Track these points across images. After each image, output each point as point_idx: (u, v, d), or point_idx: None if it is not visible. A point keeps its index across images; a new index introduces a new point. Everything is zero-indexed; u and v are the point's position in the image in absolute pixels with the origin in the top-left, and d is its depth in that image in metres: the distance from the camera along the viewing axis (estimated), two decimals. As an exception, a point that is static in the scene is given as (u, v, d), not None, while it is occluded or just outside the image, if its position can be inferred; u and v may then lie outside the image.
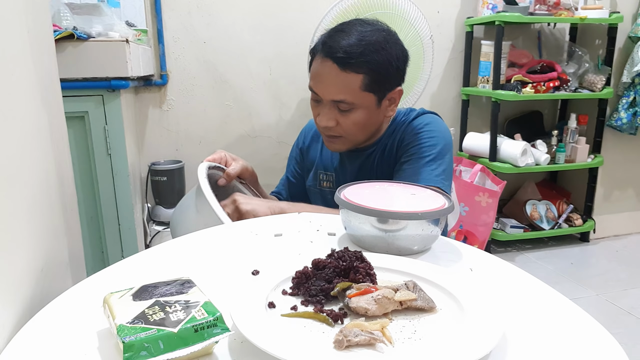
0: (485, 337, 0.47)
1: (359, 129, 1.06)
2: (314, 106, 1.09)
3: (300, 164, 1.33)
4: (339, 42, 1.00)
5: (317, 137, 1.29)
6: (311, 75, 1.07)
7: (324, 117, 1.05)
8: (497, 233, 2.56)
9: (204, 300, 0.49)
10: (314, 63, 1.06)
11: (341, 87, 1.01)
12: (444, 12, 2.50)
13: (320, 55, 1.03)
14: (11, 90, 0.59)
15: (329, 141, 1.11)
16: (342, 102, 1.02)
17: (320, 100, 1.05)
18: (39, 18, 0.73)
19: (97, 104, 1.52)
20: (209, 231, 0.82)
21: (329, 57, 1.00)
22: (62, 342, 0.50)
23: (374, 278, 0.59)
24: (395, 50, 1.04)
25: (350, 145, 1.11)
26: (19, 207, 0.59)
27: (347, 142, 1.10)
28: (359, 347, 0.47)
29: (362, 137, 1.10)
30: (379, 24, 1.06)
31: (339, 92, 1.01)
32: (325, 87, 1.03)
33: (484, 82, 2.43)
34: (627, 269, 2.46)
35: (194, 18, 2.20)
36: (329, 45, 1.01)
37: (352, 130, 1.06)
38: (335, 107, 1.04)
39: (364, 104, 1.03)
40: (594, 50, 2.63)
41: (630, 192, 2.88)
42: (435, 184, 1.01)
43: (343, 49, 0.99)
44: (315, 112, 1.09)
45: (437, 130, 1.09)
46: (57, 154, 0.76)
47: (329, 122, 1.05)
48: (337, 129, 1.06)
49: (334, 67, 1.00)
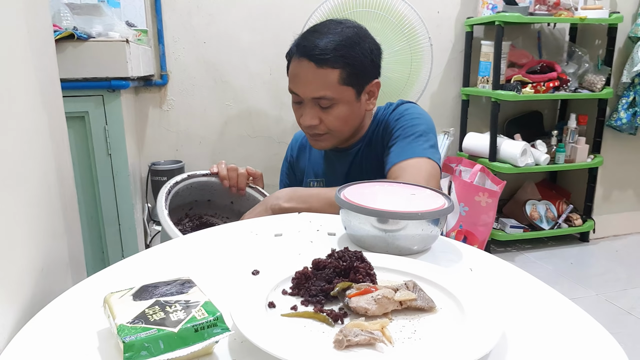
0: (485, 337, 0.47)
1: (342, 123, 1.08)
2: (296, 109, 1.11)
3: (292, 177, 1.36)
4: (313, 42, 1.03)
5: (304, 147, 1.31)
6: (290, 78, 1.09)
7: (307, 116, 1.07)
8: (497, 233, 2.56)
9: (204, 300, 0.49)
10: (291, 66, 1.08)
11: (320, 83, 1.03)
12: (444, 12, 2.50)
13: (296, 56, 1.06)
14: (11, 90, 0.59)
15: (314, 140, 1.12)
16: (323, 98, 1.04)
17: (301, 101, 1.08)
18: (39, 18, 0.73)
19: (97, 104, 1.52)
20: (209, 231, 0.82)
21: (305, 57, 1.03)
22: (62, 342, 0.50)
23: (374, 278, 0.59)
24: (369, 44, 1.07)
25: (336, 142, 1.12)
26: (19, 207, 0.59)
27: (333, 139, 1.11)
28: (359, 347, 0.47)
29: (346, 132, 1.12)
30: (350, 21, 1.10)
31: (318, 89, 1.04)
32: (305, 86, 1.05)
33: (484, 82, 2.43)
34: (626, 269, 2.46)
35: (194, 18, 2.20)
36: (303, 45, 1.05)
37: (335, 125, 1.08)
38: (316, 105, 1.06)
39: (344, 99, 1.06)
40: (593, 50, 2.63)
41: (630, 192, 2.88)
42: (425, 155, 1.02)
43: (318, 47, 1.02)
44: (298, 114, 1.11)
45: (417, 113, 1.12)
46: (57, 154, 0.76)
47: (312, 121, 1.07)
48: (321, 126, 1.08)
49: (311, 65, 1.03)
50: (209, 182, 1.14)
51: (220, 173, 1.13)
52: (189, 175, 1.12)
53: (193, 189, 1.13)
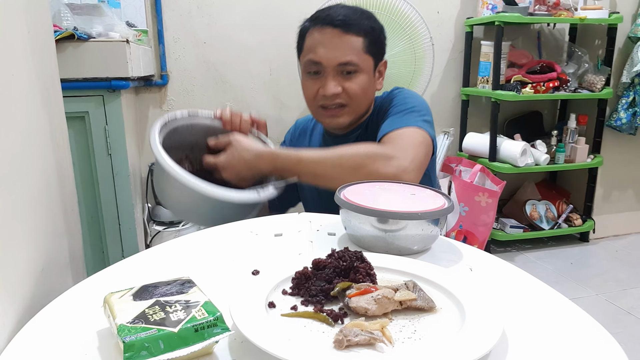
0: (485, 336, 0.47)
1: (363, 93, 1.08)
2: (312, 81, 1.09)
3: None
4: (335, 11, 1.05)
5: (305, 133, 1.30)
6: (309, 49, 1.08)
7: (330, 84, 1.06)
8: (496, 233, 2.56)
9: (204, 300, 0.49)
10: (310, 37, 1.08)
11: (346, 48, 1.04)
12: (444, 12, 2.50)
13: (318, 27, 1.06)
14: (12, 90, 0.59)
15: (332, 115, 1.10)
16: (349, 63, 1.05)
17: (321, 71, 1.07)
18: (39, 18, 0.73)
19: (97, 104, 1.52)
20: (209, 231, 0.82)
21: (329, 25, 1.05)
22: (62, 342, 0.50)
23: (374, 278, 0.59)
24: (379, 22, 1.11)
25: (353, 117, 1.12)
26: (20, 207, 0.59)
27: (351, 112, 1.10)
28: (359, 347, 0.47)
29: (364, 106, 1.12)
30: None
31: (345, 54, 1.04)
32: (331, 51, 1.05)
33: (484, 82, 2.43)
34: (626, 269, 2.46)
35: (194, 18, 2.20)
36: (325, 15, 1.06)
37: (357, 93, 1.07)
38: (338, 74, 1.06)
39: (366, 67, 1.07)
40: (593, 50, 2.63)
41: (630, 192, 2.88)
42: (417, 125, 1.01)
43: (342, 15, 1.04)
44: (315, 87, 1.09)
45: (411, 94, 1.13)
46: (57, 154, 0.76)
47: (336, 89, 1.06)
48: (343, 95, 1.07)
49: (336, 32, 1.04)
50: (212, 127, 1.08)
51: (224, 117, 1.09)
52: (189, 113, 1.06)
53: (194, 130, 1.07)
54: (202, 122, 1.07)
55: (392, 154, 0.94)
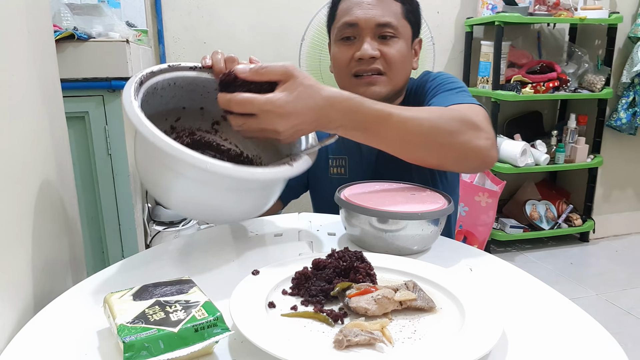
0: (485, 336, 0.47)
1: (402, 63, 1.02)
2: (347, 47, 1.01)
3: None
4: None
5: None
6: (344, 12, 1.02)
7: (367, 46, 0.98)
8: (496, 233, 2.56)
9: (204, 300, 0.49)
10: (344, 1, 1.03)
11: (386, 9, 0.99)
12: (444, 12, 2.50)
13: None
14: (11, 90, 0.59)
15: (368, 82, 1.00)
16: (388, 25, 0.99)
17: (356, 35, 1.00)
18: (39, 18, 0.73)
19: (97, 104, 1.52)
20: (209, 231, 0.82)
21: None
22: (62, 342, 0.50)
23: (374, 278, 0.59)
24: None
25: (390, 88, 1.02)
26: (20, 207, 0.59)
27: (388, 83, 1.01)
28: (359, 347, 0.47)
29: (401, 78, 1.04)
30: None
31: (384, 15, 0.99)
32: (370, 11, 0.99)
33: (484, 82, 2.43)
34: (626, 269, 2.46)
35: (194, 18, 2.20)
36: None
37: (396, 61, 1.00)
38: (375, 37, 1.00)
39: (404, 34, 1.02)
40: (593, 50, 2.63)
41: (630, 192, 2.88)
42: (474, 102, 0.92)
43: None
44: (349, 53, 1.01)
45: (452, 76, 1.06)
46: (57, 154, 0.76)
47: (374, 51, 0.98)
48: (380, 61, 1.00)
49: None
50: (200, 80, 0.79)
51: (215, 66, 0.78)
52: (170, 65, 0.76)
53: (178, 88, 0.78)
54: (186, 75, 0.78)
55: (479, 124, 0.79)
